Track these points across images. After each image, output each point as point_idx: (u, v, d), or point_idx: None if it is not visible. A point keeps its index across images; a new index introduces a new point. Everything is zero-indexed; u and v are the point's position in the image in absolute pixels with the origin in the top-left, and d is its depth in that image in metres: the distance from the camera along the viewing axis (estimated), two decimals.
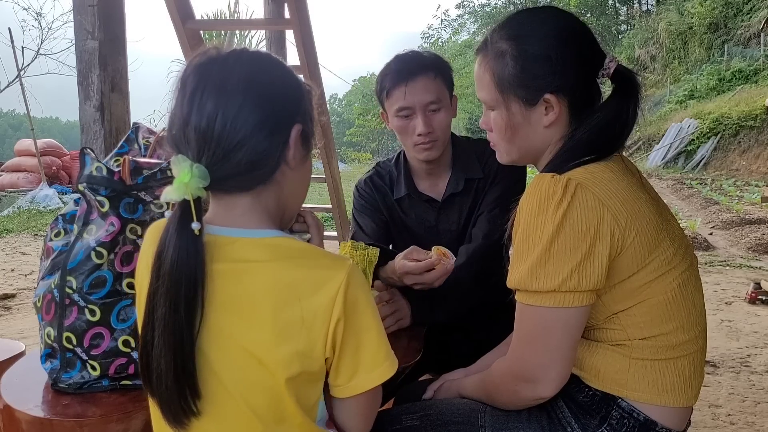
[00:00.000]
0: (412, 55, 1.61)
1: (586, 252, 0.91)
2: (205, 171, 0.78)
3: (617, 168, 0.99)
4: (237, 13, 11.05)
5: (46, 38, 13.18)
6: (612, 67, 1.03)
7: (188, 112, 0.79)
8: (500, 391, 1.05)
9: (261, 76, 0.82)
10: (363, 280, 0.84)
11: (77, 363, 1.06)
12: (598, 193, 0.93)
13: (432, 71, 1.57)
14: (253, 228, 0.83)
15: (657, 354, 0.97)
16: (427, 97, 1.55)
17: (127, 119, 2.37)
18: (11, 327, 3.93)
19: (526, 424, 1.03)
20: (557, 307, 0.92)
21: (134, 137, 1.25)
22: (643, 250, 0.95)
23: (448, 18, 45.04)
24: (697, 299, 1.02)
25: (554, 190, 0.92)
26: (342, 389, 0.85)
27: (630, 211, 0.94)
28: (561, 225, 0.91)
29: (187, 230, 0.77)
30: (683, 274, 0.99)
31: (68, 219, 1.14)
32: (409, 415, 1.13)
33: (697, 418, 2.59)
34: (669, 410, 0.97)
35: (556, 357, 0.94)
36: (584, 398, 1.00)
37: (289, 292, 0.79)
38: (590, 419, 0.99)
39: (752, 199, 9.96)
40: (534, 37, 1.03)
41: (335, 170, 3.78)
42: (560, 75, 1.01)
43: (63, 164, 11.15)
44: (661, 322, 0.97)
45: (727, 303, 4.43)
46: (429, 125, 1.55)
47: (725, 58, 21.30)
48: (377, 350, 0.84)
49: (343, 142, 36.94)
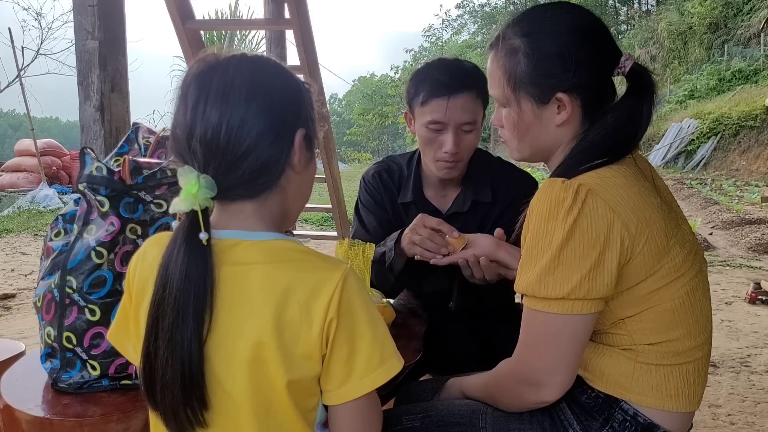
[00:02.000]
0: (456, 66, 1.51)
1: (595, 260, 0.90)
2: (212, 182, 0.78)
3: (629, 173, 0.97)
4: (237, 13, 11.05)
5: (46, 38, 13.20)
6: (628, 65, 1.00)
7: (192, 123, 0.78)
8: (503, 394, 1.04)
9: (262, 83, 0.82)
10: (360, 284, 0.83)
11: (77, 363, 1.06)
12: (608, 199, 0.91)
13: (475, 90, 1.48)
14: (255, 231, 0.83)
15: (663, 359, 0.96)
16: (465, 117, 1.47)
17: (127, 119, 2.37)
18: (11, 327, 3.93)
19: (527, 426, 1.03)
20: (565, 314, 0.91)
21: (134, 137, 1.25)
22: (652, 258, 0.93)
23: (449, 18, 45.04)
24: (704, 306, 1.01)
25: (564, 196, 0.91)
26: (333, 395, 0.82)
27: (640, 218, 0.92)
28: (571, 232, 0.89)
29: (195, 240, 0.77)
30: (692, 280, 0.98)
31: (68, 219, 1.14)
32: (409, 416, 1.13)
33: (697, 418, 2.59)
34: (672, 415, 0.97)
35: (562, 363, 0.94)
36: (587, 399, 0.99)
37: (286, 294, 0.79)
38: (592, 421, 0.98)
39: (752, 199, 9.96)
40: (548, 34, 1.01)
41: (335, 170, 3.78)
42: (574, 73, 0.99)
43: (63, 164, 11.14)
44: (668, 329, 0.96)
45: (727, 303, 4.44)
46: (458, 146, 1.47)
47: (725, 58, 21.30)
48: (371, 356, 0.82)
49: (343, 142, 36.96)
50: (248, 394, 0.79)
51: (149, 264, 0.84)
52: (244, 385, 0.79)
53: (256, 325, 0.78)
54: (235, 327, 0.79)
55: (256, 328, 0.78)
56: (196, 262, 0.77)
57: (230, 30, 9.63)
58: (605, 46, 1.02)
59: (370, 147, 34.12)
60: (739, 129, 15.70)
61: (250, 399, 0.80)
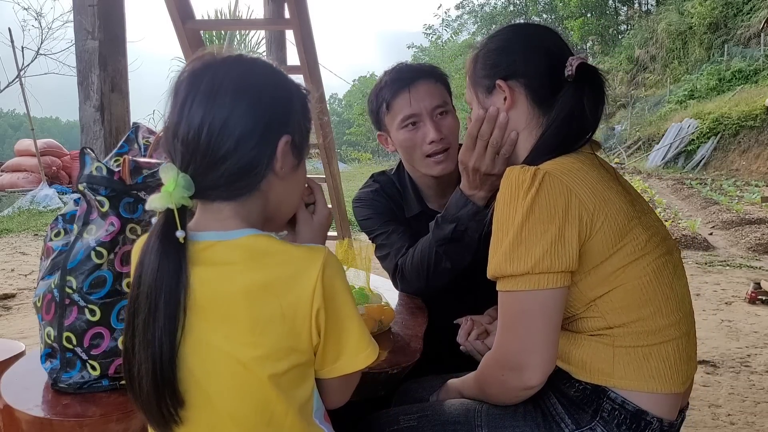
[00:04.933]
0: (407, 65, 1.57)
1: (556, 234, 0.94)
2: (190, 181, 0.78)
3: (588, 161, 1.04)
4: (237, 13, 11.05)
5: (46, 38, 13.20)
6: (575, 63, 1.06)
7: (177, 121, 0.79)
8: (489, 384, 1.07)
9: (251, 85, 0.81)
10: (339, 267, 0.84)
11: (77, 363, 1.06)
12: (565, 180, 0.97)
13: (432, 77, 1.52)
14: (231, 230, 0.83)
15: (639, 340, 0.99)
16: (434, 100, 1.48)
17: (127, 119, 2.37)
18: (11, 327, 3.93)
19: (521, 422, 1.04)
20: (533, 289, 0.95)
21: (134, 137, 1.25)
22: (613, 235, 0.98)
23: (448, 18, 45.04)
24: (676, 285, 1.04)
25: (523, 178, 0.97)
26: (326, 371, 0.86)
27: (599, 198, 0.98)
28: (530, 209, 0.95)
29: (170, 238, 0.77)
30: (658, 260, 1.02)
31: (68, 219, 1.14)
32: (406, 416, 1.15)
33: (697, 418, 2.59)
34: (657, 397, 0.98)
35: (537, 341, 0.96)
36: (575, 393, 1.01)
37: (265, 292, 0.79)
38: (582, 413, 1.00)
39: (752, 199, 9.96)
40: (498, 36, 1.17)
41: (335, 170, 3.78)
42: (512, 63, 1.11)
43: (63, 164, 11.16)
44: (638, 306, 0.99)
45: (727, 303, 4.44)
46: (440, 130, 1.47)
47: (725, 58, 21.29)
48: (360, 335, 0.85)
49: (343, 141, 36.97)
50: (230, 397, 0.80)
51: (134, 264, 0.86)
52: (225, 388, 0.80)
53: (233, 325, 0.79)
54: (212, 327, 0.79)
55: (234, 328, 0.78)
56: (169, 259, 0.77)
57: (230, 30, 9.63)
58: (552, 44, 1.13)
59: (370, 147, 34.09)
60: (739, 129, 15.71)
61: (232, 402, 0.80)
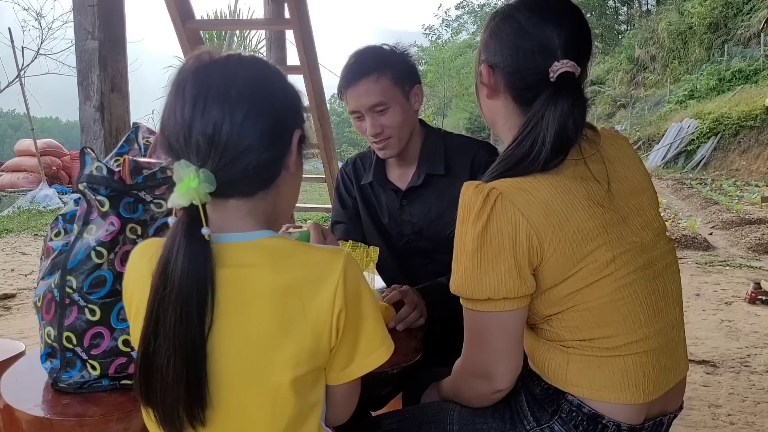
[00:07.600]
0: (357, 57, 1.60)
1: (509, 263, 0.93)
2: (212, 176, 0.77)
3: (553, 179, 0.95)
4: (237, 13, 11.05)
5: (46, 38, 13.22)
6: (558, 69, 0.98)
7: (190, 117, 0.78)
8: (462, 389, 1.09)
9: (263, 82, 0.82)
10: (358, 269, 0.84)
11: (77, 362, 1.06)
12: (517, 202, 0.93)
13: (374, 73, 1.54)
14: (247, 231, 0.83)
15: (594, 352, 0.98)
16: (370, 100, 1.54)
17: (127, 119, 2.37)
18: (11, 327, 3.93)
19: (490, 419, 1.06)
20: (492, 311, 0.96)
21: (134, 137, 1.25)
22: (566, 262, 0.94)
23: (448, 17, 45.03)
24: (650, 299, 0.98)
25: (475, 200, 0.95)
26: (336, 377, 0.86)
27: (554, 219, 0.93)
28: (482, 237, 0.94)
29: (197, 236, 0.76)
30: (626, 277, 0.96)
31: (68, 219, 1.14)
32: (388, 419, 1.19)
33: (697, 418, 2.60)
34: (612, 406, 0.97)
35: (502, 355, 0.98)
36: (540, 392, 1.03)
37: (290, 293, 0.79)
38: (543, 412, 1.02)
39: (752, 199, 9.96)
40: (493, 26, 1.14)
41: (335, 170, 3.79)
42: (496, 51, 1.08)
43: (63, 164, 11.17)
44: (594, 326, 0.96)
45: (727, 303, 4.44)
46: (377, 126, 1.57)
47: (725, 58, 21.28)
48: (374, 336, 0.85)
49: (343, 140, 36.94)
50: (251, 398, 0.80)
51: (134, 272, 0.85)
52: (247, 388, 0.79)
53: (259, 327, 0.78)
54: (238, 328, 0.79)
55: (259, 329, 0.78)
56: (198, 258, 0.76)
57: (230, 30, 9.64)
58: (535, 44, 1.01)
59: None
60: (739, 129, 15.70)
61: (253, 403, 0.80)
